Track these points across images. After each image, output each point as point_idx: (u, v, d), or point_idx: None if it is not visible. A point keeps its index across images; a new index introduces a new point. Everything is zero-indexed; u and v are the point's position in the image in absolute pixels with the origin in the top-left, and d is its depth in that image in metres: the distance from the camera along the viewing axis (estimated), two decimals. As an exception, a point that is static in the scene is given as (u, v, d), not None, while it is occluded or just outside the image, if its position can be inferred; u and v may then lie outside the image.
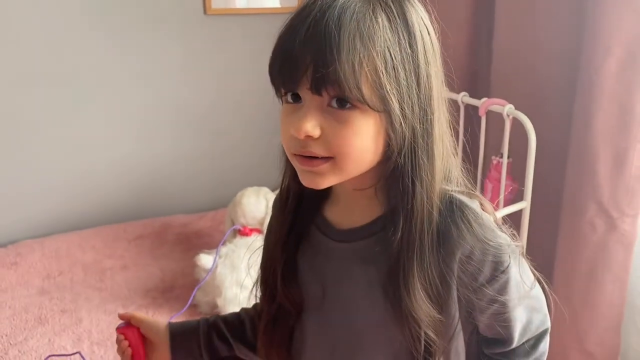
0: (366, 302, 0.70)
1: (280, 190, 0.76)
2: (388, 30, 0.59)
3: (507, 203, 1.51)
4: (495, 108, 1.51)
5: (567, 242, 1.48)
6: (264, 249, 0.80)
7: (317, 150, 0.61)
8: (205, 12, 2.11)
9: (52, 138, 2.04)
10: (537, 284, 0.74)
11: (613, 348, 1.48)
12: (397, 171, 0.63)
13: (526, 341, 0.76)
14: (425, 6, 0.66)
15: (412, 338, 0.66)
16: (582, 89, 1.39)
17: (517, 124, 1.46)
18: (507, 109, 1.47)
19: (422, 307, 0.65)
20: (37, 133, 2.02)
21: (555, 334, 1.53)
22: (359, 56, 0.57)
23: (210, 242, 1.95)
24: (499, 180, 1.52)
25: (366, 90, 0.58)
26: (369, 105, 0.59)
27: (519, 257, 0.70)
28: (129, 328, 0.84)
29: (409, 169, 0.63)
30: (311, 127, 0.59)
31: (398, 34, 0.60)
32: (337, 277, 0.72)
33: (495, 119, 1.57)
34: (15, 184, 2.03)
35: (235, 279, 1.53)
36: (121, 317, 0.84)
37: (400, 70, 0.60)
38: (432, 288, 0.65)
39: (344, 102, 0.59)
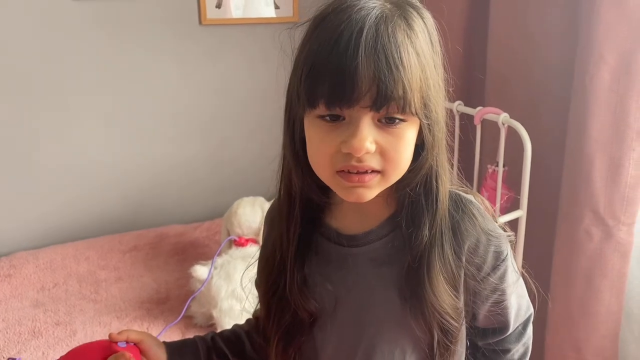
0: (382, 303, 0.71)
1: (280, 205, 0.74)
2: (424, 42, 0.62)
3: (503, 212, 1.51)
4: (490, 117, 1.52)
5: (564, 250, 1.48)
6: (265, 266, 0.78)
7: (374, 164, 0.61)
8: (200, 22, 2.12)
9: (47, 149, 2.04)
10: None
11: (611, 357, 1.48)
12: (428, 174, 0.66)
13: (516, 327, 0.80)
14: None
15: (430, 333, 0.70)
16: (576, 98, 1.40)
17: (512, 133, 1.46)
18: (502, 118, 1.47)
19: (445, 297, 0.68)
20: (32, 144, 2.01)
21: (554, 343, 1.54)
22: (417, 72, 0.59)
23: (206, 253, 1.94)
24: (494, 189, 1.52)
25: (418, 103, 0.60)
26: (418, 117, 0.61)
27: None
28: (130, 347, 0.79)
29: (436, 170, 0.66)
30: (370, 143, 0.59)
31: (428, 43, 0.63)
32: (351, 282, 0.72)
33: (491, 127, 1.57)
34: (9, 195, 2.02)
35: (231, 290, 1.52)
36: (115, 338, 0.78)
37: (435, 77, 0.63)
38: (450, 277, 0.69)
39: (393, 116, 0.60)
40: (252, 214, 1.76)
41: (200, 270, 1.55)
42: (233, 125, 2.29)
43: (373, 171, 0.62)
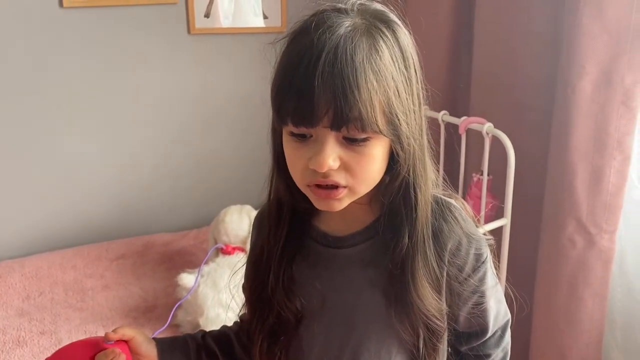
0: (368, 304, 0.73)
1: (269, 207, 0.77)
2: (390, 60, 0.63)
3: (488, 220, 1.53)
4: (474, 126, 1.54)
5: (548, 258, 1.49)
6: (252, 267, 0.80)
7: (339, 179, 0.63)
8: (189, 32, 2.13)
9: (33, 158, 2.03)
10: None
11: (594, 364, 1.49)
12: (402, 184, 0.68)
13: (495, 332, 0.82)
14: (406, 27, 0.69)
15: (415, 334, 0.71)
16: (559, 108, 1.42)
17: (496, 142, 1.48)
18: (487, 127, 1.49)
19: (429, 299, 0.70)
20: (18, 153, 2.00)
21: (538, 351, 1.56)
22: (376, 93, 0.60)
23: (193, 261, 1.94)
24: (479, 197, 1.53)
25: (381, 121, 0.61)
26: (383, 134, 0.62)
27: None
28: (119, 343, 0.78)
29: (413, 181, 0.68)
30: (332, 161, 0.62)
31: (397, 60, 0.64)
32: (339, 283, 0.74)
33: (475, 137, 1.59)
34: (-5, 203, 2.01)
35: (218, 298, 1.52)
36: (110, 338, 0.77)
37: (402, 93, 0.64)
38: (434, 280, 0.70)
39: (354, 137, 0.62)
40: (239, 222, 1.76)
41: (187, 279, 1.55)
42: (220, 134, 2.29)
43: (340, 187, 0.64)
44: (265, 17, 2.22)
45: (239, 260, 1.60)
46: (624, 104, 1.32)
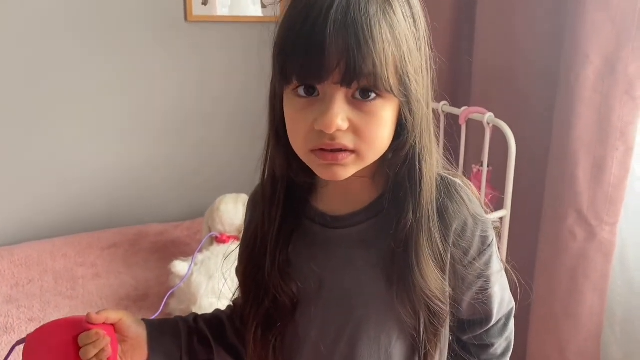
0: (368, 285, 0.69)
1: (263, 185, 0.73)
2: (402, 16, 0.60)
3: (488, 211, 1.51)
4: (475, 116, 1.51)
5: (548, 250, 1.48)
6: (246, 250, 0.76)
7: (347, 142, 0.60)
8: (186, 19, 2.10)
9: (25, 146, 1.99)
10: None
11: (593, 358, 1.47)
12: (408, 155, 0.64)
13: (499, 320, 0.79)
14: None
15: (417, 317, 0.68)
16: (561, 97, 1.40)
17: (497, 132, 1.46)
18: (487, 117, 1.47)
19: (432, 280, 0.66)
20: (9, 139, 1.97)
21: (536, 344, 1.53)
22: (389, 46, 0.57)
23: (187, 251, 1.90)
24: (479, 189, 1.51)
25: (393, 79, 0.58)
26: (394, 94, 0.59)
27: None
28: (104, 326, 0.74)
29: (419, 151, 0.64)
30: (341, 120, 0.58)
31: (408, 18, 0.61)
32: (337, 264, 0.70)
33: (476, 127, 1.57)
34: (-15, 189, 1.97)
35: (211, 287, 1.49)
36: (94, 320, 0.72)
37: (414, 52, 0.61)
38: (439, 260, 0.67)
39: (367, 92, 0.59)
40: (235, 210, 1.73)
41: (180, 266, 1.52)
42: (216, 124, 2.27)
43: (347, 150, 0.60)
44: (263, 6, 2.19)
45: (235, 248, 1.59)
46: (628, 94, 1.31)
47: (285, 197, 0.71)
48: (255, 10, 2.19)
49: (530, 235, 1.54)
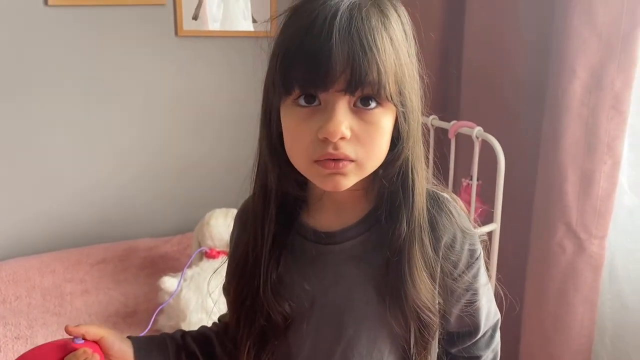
0: (360, 302, 0.69)
1: (254, 202, 0.72)
2: (398, 30, 0.62)
3: (477, 225, 1.51)
4: (464, 130, 1.52)
5: (537, 263, 1.48)
6: (237, 268, 0.75)
7: (349, 151, 0.60)
8: (176, 34, 2.10)
9: (12, 160, 1.98)
10: None
11: (584, 371, 1.47)
12: (403, 165, 0.65)
13: (485, 332, 0.80)
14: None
15: (408, 329, 0.68)
16: (549, 111, 1.41)
17: (486, 146, 1.47)
18: (476, 132, 1.48)
19: (424, 290, 0.67)
20: (-2, 153, 1.96)
21: (529, 357, 1.53)
22: (390, 56, 0.59)
23: (177, 266, 1.89)
24: (469, 202, 1.52)
25: (393, 88, 0.60)
26: (393, 102, 0.60)
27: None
28: (90, 344, 0.73)
29: (412, 162, 0.66)
30: (345, 128, 0.59)
31: (402, 33, 0.63)
32: (328, 281, 0.70)
33: (465, 141, 1.58)
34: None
35: (201, 303, 1.48)
36: (71, 332, 0.72)
37: (409, 66, 0.63)
38: (430, 271, 0.68)
39: (368, 101, 0.60)
40: (225, 225, 1.72)
41: (169, 282, 1.51)
42: (206, 139, 2.26)
43: (349, 160, 0.61)
44: (254, 21, 2.20)
45: (224, 264, 1.58)
46: (614, 108, 1.32)
47: (277, 214, 0.70)
48: (246, 26, 2.20)
49: (520, 249, 1.55)
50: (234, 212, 1.80)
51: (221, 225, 1.72)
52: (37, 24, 1.90)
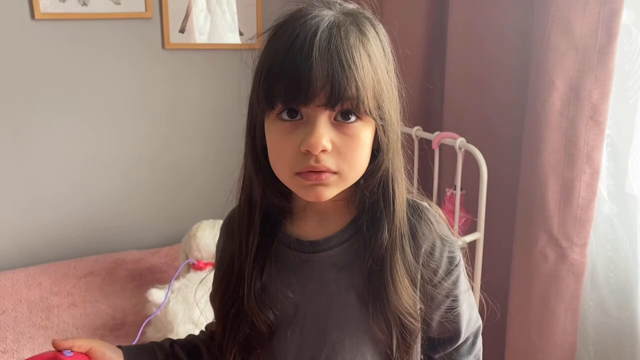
0: (343, 308, 0.71)
1: (240, 213, 0.74)
2: (376, 48, 0.64)
3: (461, 234, 1.53)
4: (447, 141, 1.55)
5: (521, 272, 1.50)
6: (222, 277, 0.77)
7: (330, 164, 0.63)
8: (163, 46, 2.12)
9: None
10: None
11: (568, 378, 1.49)
12: (384, 176, 0.68)
13: (467, 338, 0.81)
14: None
15: (390, 334, 0.70)
16: (529, 122, 1.44)
17: (469, 157, 1.50)
18: (459, 142, 1.51)
19: (406, 296, 0.69)
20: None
21: (513, 365, 1.55)
22: (368, 72, 0.62)
23: (164, 278, 1.90)
24: (453, 212, 1.54)
25: (372, 102, 0.62)
26: (372, 116, 0.63)
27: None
28: (79, 355, 0.73)
29: (392, 173, 0.68)
30: (326, 141, 0.61)
31: (380, 49, 0.66)
32: (312, 289, 0.72)
33: (448, 152, 1.61)
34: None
35: (188, 314, 1.48)
36: (58, 345, 0.73)
37: (387, 81, 0.65)
38: (411, 277, 0.70)
39: (348, 115, 0.62)
40: (212, 237, 1.73)
41: (156, 294, 1.51)
42: (193, 151, 2.27)
43: (331, 172, 0.63)
44: (240, 33, 2.22)
45: (210, 273, 1.59)
46: (592, 119, 1.35)
47: (261, 225, 0.72)
48: (233, 38, 2.22)
49: (503, 258, 1.57)
50: (220, 223, 1.82)
51: (208, 237, 1.73)
52: (24, 38, 1.91)
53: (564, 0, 1.33)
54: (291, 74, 0.60)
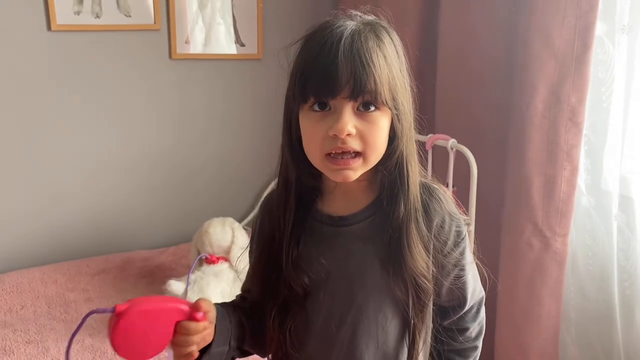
0: (368, 273, 0.83)
1: (278, 193, 0.87)
2: (390, 50, 0.78)
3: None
4: (440, 142, 1.69)
5: (508, 261, 1.64)
6: (264, 249, 0.88)
7: (354, 145, 0.75)
8: (170, 57, 2.24)
9: (11, 172, 2.07)
10: None
11: (552, 357, 1.63)
12: (399, 158, 0.80)
13: (472, 306, 0.93)
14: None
15: (407, 294, 0.82)
16: (514, 124, 1.59)
17: (460, 156, 1.64)
18: (451, 143, 1.65)
19: (420, 260, 0.81)
20: None
21: (501, 347, 1.68)
22: (384, 70, 0.75)
23: (174, 275, 1.98)
24: (446, 207, 1.67)
25: (387, 95, 0.75)
26: (388, 106, 0.76)
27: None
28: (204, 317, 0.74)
29: (406, 155, 0.80)
30: (351, 126, 0.74)
31: (395, 53, 0.79)
32: (341, 257, 0.84)
33: (441, 152, 1.74)
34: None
35: (203, 304, 1.59)
36: (200, 307, 0.75)
37: (400, 78, 0.78)
38: (424, 244, 0.82)
39: (368, 105, 0.75)
40: (223, 233, 1.83)
41: (175, 285, 1.61)
42: (197, 154, 2.38)
43: (355, 154, 0.76)
44: (242, 45, 2.35)
45: (225, 268, 1.69)
46: (571, 120, 1.50)
47: (296, 203, 0.85)
48: (235, 49, 2.35)
49: (492, 248, 1.70)
50: (230, 221, 1.94)
51: (219, 233, 1.83)
52: (41, 47, 2.02)
53: (544, 13, 1.48)
54: (321, 73, 0.74)
